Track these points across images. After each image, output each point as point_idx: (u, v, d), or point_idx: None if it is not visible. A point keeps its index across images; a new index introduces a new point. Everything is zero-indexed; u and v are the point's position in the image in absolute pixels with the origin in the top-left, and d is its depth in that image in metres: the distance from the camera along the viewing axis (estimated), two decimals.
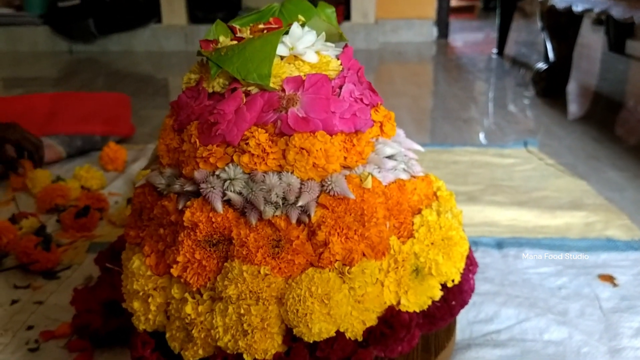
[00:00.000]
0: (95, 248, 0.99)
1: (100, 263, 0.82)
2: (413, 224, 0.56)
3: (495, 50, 2.98)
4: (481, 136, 1.67)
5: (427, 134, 1.72)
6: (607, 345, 0.74)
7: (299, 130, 0.52)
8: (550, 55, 2.06)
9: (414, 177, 0.60)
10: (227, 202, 0.52)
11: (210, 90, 0.55)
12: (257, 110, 0.52)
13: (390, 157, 0.58)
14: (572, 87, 2.15)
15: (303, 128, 0.52)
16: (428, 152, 1.50)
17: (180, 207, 0.53)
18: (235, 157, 0.52)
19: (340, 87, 0.55)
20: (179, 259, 0.51)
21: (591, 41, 3.36)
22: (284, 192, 0.51)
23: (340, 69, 0.56)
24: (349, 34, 3.15)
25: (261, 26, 0.58)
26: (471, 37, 3.84)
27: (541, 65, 2.10)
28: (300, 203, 0.51)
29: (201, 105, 0.54)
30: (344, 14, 3.16)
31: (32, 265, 0.91)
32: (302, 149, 0.51)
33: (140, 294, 0.54)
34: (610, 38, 2.87)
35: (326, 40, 0.59)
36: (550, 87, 2.07)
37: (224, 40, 0.57)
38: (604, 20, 3.61)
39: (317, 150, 0.51)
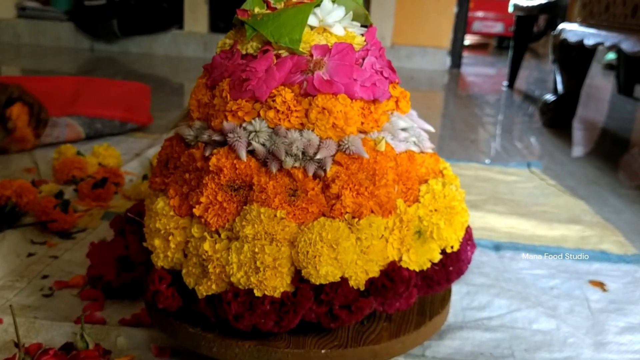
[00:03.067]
0: (110, 216, 1.03)
1: (115, 226, 0.86)
2: (419, 191, 0.60)
3: (505, 83, 3.05)
4: (487, 156, 1.71)
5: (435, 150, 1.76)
6: (592, 339, 0.77)
7: (322, 91, 0.56)
8: (560, 87, 2.12)
9: (424, 152, 0.64)
10: (251, 153, 0.57)
11: (244, 52, 0.60)
12: (286, 70, 0.57)
13: (403, 129, 0.62)
14: (578, 122, 2.21)
15: (327, 90, 0.56)
16: None
17: (207, 154, 0.58)
18: (261, 112, 0.57)
19: (363, 59, 0.59)
20: (202, 199, 0.56)
21: (601, 84, 3.43)
22: (304, 147, 0.56)
23: (364, 44, 0.61)
24: None
25: (295, 0, 0.63)
26: (483, 71, 3.92)
27: (549, 97, 2.16)
28: (317, 157, 0.55)
29: (235, 63, 0.59)
30: None
31: (49, 223, 0.95)
32: (324, 109, 0.56)
33: (162, 232, 0.58)
34: (619, 81, 2.93)
35: (353, 20, 0.65)
36: (557, 118, 2.12)
37: (260, 10, 0.62)
38: (614, 64, 3.68)
39: (337, 112, 0.56)
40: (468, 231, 0.65)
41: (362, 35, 0.63)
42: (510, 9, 2.92)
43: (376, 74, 0.59)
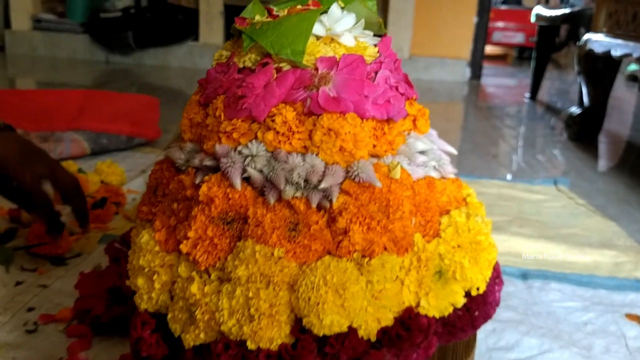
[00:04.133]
0: (107, 239, 0.96)
1: (110, 252, 0.80)
2: (440, 224, 0.52)
3: (527, 95, 2.95)
4: (510, 172, 1.63)
5: (453, 165, 1.68)
6: None
7: (328, 110, 0.49)
8: (585, 100, 2.03)
9: (445, 178, 0.57)
10: (247, 180, 0.49)
11: (241, 65, 0.53)
12: (287, 86, 0.50)
13: (421, 152, 0.55)
14: (604, 135, 2.11)
15: (333, 108, 0.49)
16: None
17: (197, 181, 0.51)
18: (259, 134, 0.50)
19: (376, 73, 0.52)
20: (190, 234, 0.49)
21: (625, 95, 3.32)
22: (306, 174, 0.48)
23: (377, 55, 0.54)
24: None
25: (299, 7, 0.56)
26: (504, 82, 3.83)
27: (575, 109, 2.06)
28: (322, 186, 0.48)
29: (230, 78, 0.52)
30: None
31: (40, 247, 0.89)
32: (330, 130, 0.49)
33: (146, 270, 0.51)
34: None
35: (365, 28, 0.57)
36: (582, 131, 2.03)
37: (260, 18, 0.55)
38: (638, 75, 3.56)
39: (345, 133, 0.49)
40: (495, 267, 0.57)
41: (375, 45, 0.56)
42: (533, 19, 2.83)
43: (390, 89, 0.52)
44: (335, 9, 0.53)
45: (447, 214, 0.53)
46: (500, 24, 4.96)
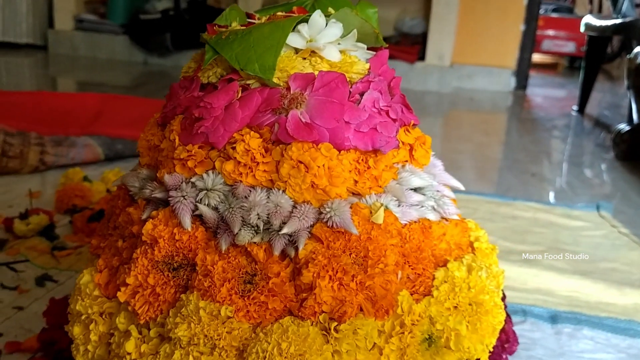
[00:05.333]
0: None
1: None
2: (434, 279, 0.43)
3: (575, 107, 2.80)
4: (549, 193, 1.50)
5: (488, 183, 1.57)
6: None
7: (298, 138, 0.41)
8: (635, 116, 1.88)
9: (446, 219, 0.47)
10: (199, 218, 0.41)
11: (205, 81, 0.45)
12: (252, 108, 0.42)
13: (417, 189, 0.46)
14: None
15: (304, 137, 0.41)
16: (485, 202, 1.36)
17: (144, 216, 0.43)
18: (217, 164, 0.42)
19: (362, 94, 0.43)
20: (129, 280, 0.41)
21: None
22: (268, 214, 0.40)
23: (366, 73, 0.45)
24: (421, 75, 3.05)
25: (281, 14, 0.47)
26: (551, 93, 3.67)
27: (623, 127, 1.91)
28: (285, 230, 0.39)
29: (189, 96, 0.44)
30: (419, 54, 3.07)
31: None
32: (300, 162, 0.40)
33: (83, 317, 0.44)
34: None
35: (359, 40, 0.49)
36: (631, 150, 1.88)
37: (235, 25, 0.47)
38: None
39: (318, 167, 0.40)
40: (505, 330, 0.47)
41: (367, 61, 0.47)
42: (582, 29, 2.68)
43: (379, 114, 0.43)
44: (317, 17, 0.45)
45: (443, 267, 0.44)
46: (550, 32, 4.77)
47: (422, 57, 3.08)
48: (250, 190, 0.41)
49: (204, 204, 0.41)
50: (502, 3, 3.17)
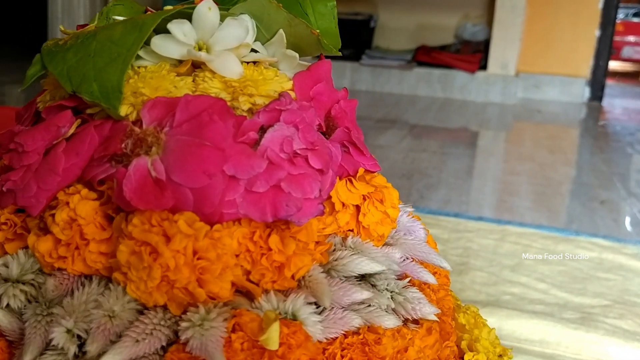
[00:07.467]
0: None
1: None
2: None
3: None
4: (623, 226, 1.28)
5: (546, 213, 1.35)
6: None
7: (140, 206, 0.25)
8: None
9: (416, 322, 0.30)
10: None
11: (40, 107, 0.30)
12: (84, 154, 0.27)
13: (364, 277, 0.29)
14: None
15: (149, 203, 0.25)
16: (541, 237, 1.15)
17: None
18: (30, 240, 0.27)
19: (264, 130, 0.27)
20: None
21: None
22: (94, 326, 0.24)
23: (276, 97, 0.29)
24: (482, 85, 2.83)
25: (170, 7, 0.32)
26: (632, 104, 3.34)
27: None
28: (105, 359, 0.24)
29: (6, 132, 0.29)
30: (481, 63, 2.84)
31: None
32: (146, 244, 0.25)
33: None
34: None
35: (293, 47, 0.32)
36: None
37: (92, 26, 0.32)
38: None
39: (171, 254, 0.24)
40: None
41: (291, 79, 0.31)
42: None
43: (290, 163, 0.27)
44: (204, 10, 0.29)
45: None
46: (631, 38, 4.41)
47: (484, 66, 2.86)
48: (81, 283, 0.26)
49: (3, 305, 0.26)
50: (574, 7, 2.91)
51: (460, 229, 1.10)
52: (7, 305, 0.26)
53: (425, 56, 2.84)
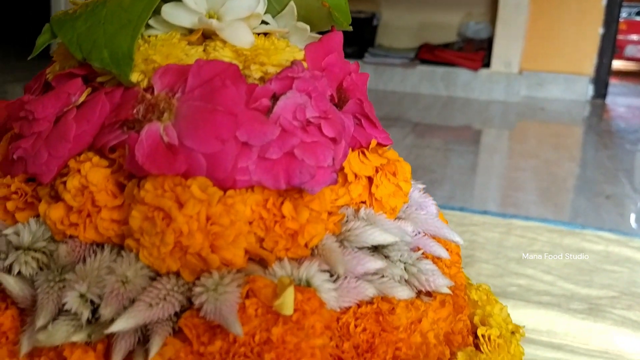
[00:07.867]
0: None
1: None
2: None
3: None
4: (629, 220, 1.27)
5: (552, 208, 1.35)
6: None
7: (153, 171, 0.25)
8: None
9: (430, 295, 0.30)
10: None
11: (50, 78, 0.30)
12: (95, 121, 0.26)
13: (377, 249, 0.29)
14: None
15: (162, 167, 0.24)
16: (547, 230, 1.14)
17: None
18: (41, 208, 0.27)
19: (276, 98, 0.27)
20: None
21: None
22: (107, 291, 0.24)
23: (287, 64, 0.28)
24: (485, 83, 2.83)
25: None
26: (636, 102, 3.34)
27: None
28: (116, 327, 0.23)
29: (17, 101, 0.29)
30: (484, 61, 2.84)
31: None
32: (159, 209, 0.24)
33: None
34: None
35: (305, 19, 0.32)
36: None
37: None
38: None
39: (184, 221, 0.24)
40: None
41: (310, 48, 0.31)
42: None
43: (303, 130, 0.27)
44: None
45: None
46: (634, 37, 4.40)
47: (487, 64, 2.85)
48: (88, 253, 0.25)
49: (16, 272, 0.25)
50: (578, 4, 2.90)
51: (465, 223, 1.09)
52: (19, 273, 0.26)
53: (428, 54, 2.83)
